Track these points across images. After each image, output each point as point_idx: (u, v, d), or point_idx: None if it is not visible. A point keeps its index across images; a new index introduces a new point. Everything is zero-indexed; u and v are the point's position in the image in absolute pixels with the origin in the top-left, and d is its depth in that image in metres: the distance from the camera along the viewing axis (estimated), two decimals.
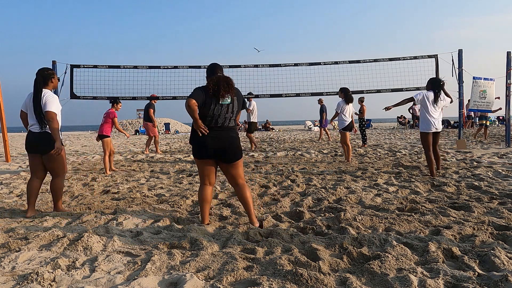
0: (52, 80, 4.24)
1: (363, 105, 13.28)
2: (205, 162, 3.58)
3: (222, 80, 3.44)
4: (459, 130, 11.45)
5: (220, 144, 3.46)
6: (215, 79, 3.45)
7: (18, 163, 9.52)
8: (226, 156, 3.51)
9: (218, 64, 3.76)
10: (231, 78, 3.53)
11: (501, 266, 2.51)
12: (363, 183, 5.80)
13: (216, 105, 3.44)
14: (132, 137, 25.44)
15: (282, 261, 2.61)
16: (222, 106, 3.46)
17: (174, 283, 2.41)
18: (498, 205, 4.18)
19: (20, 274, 2.55)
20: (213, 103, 3.43)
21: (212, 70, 3.68)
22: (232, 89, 3.48)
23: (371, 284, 2.36)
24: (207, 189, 3.66)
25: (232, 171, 3.59)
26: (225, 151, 3.48)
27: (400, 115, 33.57)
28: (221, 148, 3.46)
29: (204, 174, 3.63)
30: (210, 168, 3.62)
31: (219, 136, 3.46)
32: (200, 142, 3.49)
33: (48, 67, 4.32)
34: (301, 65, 11.71)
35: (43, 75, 4.18)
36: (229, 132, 3.51)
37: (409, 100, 6.30)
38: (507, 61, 10.63)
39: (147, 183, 6.33)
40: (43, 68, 4.25)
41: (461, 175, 6.18)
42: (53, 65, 10.56)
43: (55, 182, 4.25)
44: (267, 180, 6.28)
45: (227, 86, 3.43)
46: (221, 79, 3.45)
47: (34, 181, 4.24)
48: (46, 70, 4.23)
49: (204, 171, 3.62)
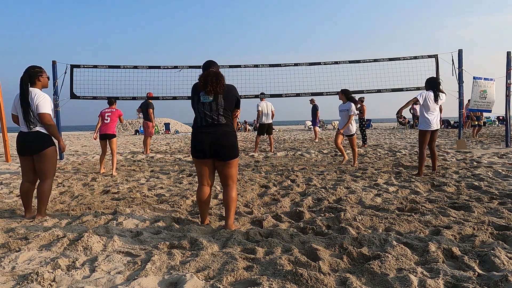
0: (39, 78, 4.00)
1: (363, 105, 13.28)
2: (202, 162, 3.56)
3: (211, 75, 3.41)
4: (459, 130, 11.45)
5: (215, 139, 3.43)
6: (205, 74, 3.45)
7: (18, 163, 9.52)
8: (221, 153, 3.47)
9: (213, 61, 3.73)
10: (222, 74, 3.48)
11: (501, 266, 2.51)
12: (363, 183, 5.80)
13: (198, 103, 3.48)
14: (132, 137, 25.44)
15: (282, 261, 2.61)
16: (204, 104, 3.45)
17: (174, 283, 2.41)
18: (498, 205, 4.18)
19: (20, 274, 2.55)
20: (195, 101, 3.51)
21: (206, 67, 3.66)
22: (221, 85, 3.41)
23: (371, 284, 2.36)
24: (204, 189, 3.64)
25: (226, 170, 3.56)
26: (221, 147, 3.44)
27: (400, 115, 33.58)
28: (216, 143, 3.43)
29: (202, 174, 3.61)
30: (207, 168, 3.59)
31: (213, 132, 3.44)
32: (196, 140, 3.50)
33: (36, 65, 4.08)
34: (301, 65, 11.70)
35: (30, 73, 3.97)
36: (223, 128, 3.47)
37: (413, 100, 6.32)
38: (507, 61, 10.63)
39: (147, 183, 6.33)
40: (31, 66, 4.03)
41: (461, 175, 6.18)
42: (53, 65, 10.56)
43: (42, 185, 4.02)
44: (267, 180, 6.28)
45: (216, 81, 3.38)
46: (211, 74, 3.42)
47: (25, 185, 4.09)
48: (33, 68, 4.01)
49: (201, 171, 3.60)
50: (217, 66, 3.71)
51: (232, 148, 3.49)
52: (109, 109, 7.72)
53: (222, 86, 3.42)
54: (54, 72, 10.56)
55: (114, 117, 7.65)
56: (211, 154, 3.49)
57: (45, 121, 3.92)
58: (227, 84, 3.51)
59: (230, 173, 3.56)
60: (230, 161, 3.52)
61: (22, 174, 4.12)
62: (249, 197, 4.95)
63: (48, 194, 4.05)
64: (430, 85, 6.41)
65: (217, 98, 3.44)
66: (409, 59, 11.45)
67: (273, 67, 11.71)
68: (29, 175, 4.09)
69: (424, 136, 6.40)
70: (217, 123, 3.45)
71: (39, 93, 3.95)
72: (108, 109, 7.74)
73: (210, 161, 3.57)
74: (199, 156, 3.52)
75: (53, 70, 10.62)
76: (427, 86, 6.49)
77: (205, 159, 3.54)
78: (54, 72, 10.56)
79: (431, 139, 6.47)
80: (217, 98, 3.44)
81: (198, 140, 3.47)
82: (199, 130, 3.48)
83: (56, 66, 10.61)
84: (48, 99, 4.00)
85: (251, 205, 4.50)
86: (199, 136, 3.46)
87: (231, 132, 3.52)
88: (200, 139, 3.45)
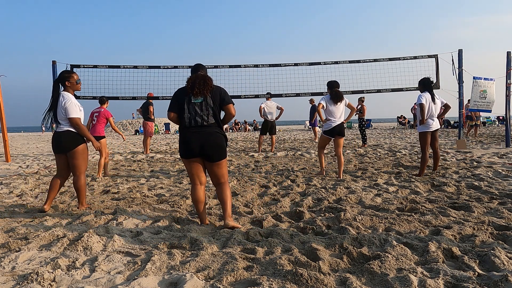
0: (66, 82, 4.33)
1: (363, 105, 13.28)
2: (192, 161, 3.59)
3: (199, 78, 3.53)
4: (459, 130, 11.45)
5: (203, 140, 3.47)
6: (193, 77, 3.58)
7: (18, 163, 9.53)
8: (210, 153, 3.51)
9: (201, 64, 3.82)
10: (209, 77, 3.60)
11: (501, 266, 2.51)
12: (363, 183, 5.80)
13: (189, 104, 3.53)
14: (132, 137, 25.44)
15: (282, 261, 2.61)
16: (195, 104, 3.52)
17: (174, 283, 2.41)
18: (498, 205, 4.18)
19: (20, 274, 2.55)
20: (186, 102, 3.54)
21: (194, 70, 3.76)
22: (208, 87, 3.51)
23: (371, 284, 2.36)
24: (198, 189, 3.67)
25: (216, 170, 3.60)
26: (209, 147, 3.48)
27: (400, 115, 33.57)
28: (204, 144, 3.47)
29: (193, 173, 3.63)
30: (198, 166, 3.61)
31: (201, 132, 3.49)
32: (184, 142, 3.54)
33: (67, 70, 4.53)
34: (301, 65, 11.72)
35: (60, 77, 4.36)
36: (212, 128, 3.53)
37: (422, 107, 6.20)
38: (507, 61, 10.64)
39: (147, 183, 6.33)
40: (63, 71, 4.44)
41: (461, 175, 6.18)
42: (53, 65, 10.57)
43: (77, 181, 4.39)
44: (267, 180, 6.28)
45: (203, 84, 3.50)
46: (198, 77, 3.54)
47: (56, 179, 4.42)
48: (63, 73, 4.40)
49: (192, 170, 3.62)
50: (205, 69, 3.82)
51: (220, 149, 3.54)
52: (98, 109, 7.23)
53: (209, 88, 3.52)
54: (54, 72, 10.56)
55: (101, 118, 7.10)
56: (200, 154, 3.52)
57: (74, 124, 4.29)
58: (215, 85, 3.60)
59: (221, 172, 3.62)
60: (219, 162, 3.57)
61: (57, 170, 4.46)
62: (249, 197, 4.95)
63: (83, 187, 4.43)
64: (424, 86, 6.37)
65: (206, 99, 3.52)
66: (409, 59, 11.46)
67: (273, 67, 11.72)
68: (62, 171, 4.44)
69: (425, 138, 6.35)
70: (207, 124, 3.50)
71: (66, 99, 4.28)
72: (97, 109, 7.28)
73: (199, 159, 3.59)
74: (188, 155, 3.55)
75: (53, 70, 10.63)
76: (421, 88, 6.43)
77: (194, 158, 3.56)
78: (54, 72, 10.56)
79: (433, 138, 6.43)
80: (206, 99, 3.52)
81: (187, 140, 3.51)
82: (187, 130, 3.53)
83: (56, 66, 10.61)
84: (73, 103, 4.29)
85: (251, 205, 4.50)
86: (188, 136, 3.50)
87: (220, 133, 3.57)
88: (188, 139, 3.50)
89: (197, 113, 3.50)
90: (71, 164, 4.37)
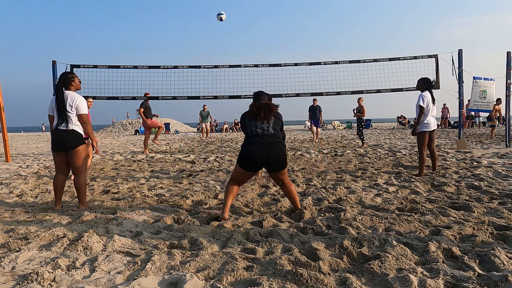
0: (71, 83, 4.43)
1: (363, 105, 13.27)
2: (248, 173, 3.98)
3: (264, 106, 3.98)
4: (459, 130, 11.45)
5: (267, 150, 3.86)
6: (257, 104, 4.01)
7: (18, 163, 9.53)
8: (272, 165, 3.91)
9: (263, 92, 4.28)
10: (273, 104, 4.05)
11: (501, 266, 2.51)
12: (363, 183, 5.80)
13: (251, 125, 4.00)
14: (132, 137, 25.44)
15: (282, 261, 2.61)
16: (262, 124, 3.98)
17: (174, 283, 2.41)
18: (498, 205, 4.18)
19: (20, 274, 2.55)
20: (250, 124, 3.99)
21: (257, 97, 4.22)
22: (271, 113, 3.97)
23: (371, 284, 2.36)
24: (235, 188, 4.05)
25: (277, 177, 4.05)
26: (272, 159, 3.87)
27: (400, 115, 33.58)
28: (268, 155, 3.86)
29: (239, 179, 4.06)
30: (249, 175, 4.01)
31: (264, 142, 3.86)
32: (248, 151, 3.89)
33: (69, 71, 4.64)
34: (301, 65, 11.70)
35: (63, 79, 4.43)
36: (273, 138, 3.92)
37: (421, 110, 6.22)
38: (507, 61, 10.63)
39: (147, 183, 6.32)
40: (64, 73, 4.52)
41: (461, 175, 6.18)
42: (53, 65, 10.56)
43: (77, 180, 4.44)
44: (267, 180, 6.28)
45: (268, 111, 3.95)
46: (263, 105, 3.98)
47: (59, 177, 4.47)
48: (66, 74, 4.49)
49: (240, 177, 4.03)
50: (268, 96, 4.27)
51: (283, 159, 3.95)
52: None
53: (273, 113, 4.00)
54: (54, 72, 10.56)
55: None
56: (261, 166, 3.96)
57: (84, 120, 4.38)
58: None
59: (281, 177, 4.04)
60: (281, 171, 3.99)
61: (56, 169, 4.48)
62: (249, 197, 4.94)
63: (84, 186, 4.48)
64: (425, 85, 6.35)
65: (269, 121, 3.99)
66: (409, 59, 11.45)
67: (273, 67, 11.71)
68: (62, 168, 4.48)
69: (424, 138, 6.35)
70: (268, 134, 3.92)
71: (76, 96, 4.38)
72: None
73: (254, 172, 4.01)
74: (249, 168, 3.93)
75: (53, 70, 10.62)
76: (422, 87, 6.37)
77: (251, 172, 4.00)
78: (54, 72, 10.55)
79: (430, 139, 6.45)
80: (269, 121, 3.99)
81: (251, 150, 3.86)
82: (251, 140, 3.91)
83: (56, 66, 10.60)
84: (84, 100, 4.44)
85: (251, 205, 4.50)
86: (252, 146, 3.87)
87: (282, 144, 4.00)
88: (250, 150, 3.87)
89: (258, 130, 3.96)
90: (72, 163, 4.40)
